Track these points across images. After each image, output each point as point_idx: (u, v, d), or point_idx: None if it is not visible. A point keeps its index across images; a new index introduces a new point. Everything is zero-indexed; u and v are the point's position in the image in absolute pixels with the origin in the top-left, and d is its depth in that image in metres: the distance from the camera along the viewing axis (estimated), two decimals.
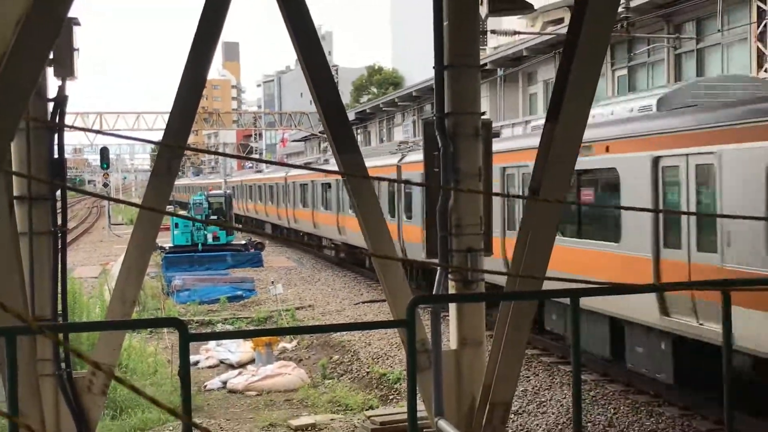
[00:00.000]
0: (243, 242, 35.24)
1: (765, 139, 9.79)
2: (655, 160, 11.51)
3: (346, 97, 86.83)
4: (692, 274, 10.90)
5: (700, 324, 10.58)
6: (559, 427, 11.41)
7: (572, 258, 13.16)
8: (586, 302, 11.06)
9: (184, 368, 3.66)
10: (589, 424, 11.46)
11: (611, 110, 13.84)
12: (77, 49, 8.19)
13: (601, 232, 13.26)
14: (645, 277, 11.51)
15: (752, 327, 9.53)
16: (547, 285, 7.17)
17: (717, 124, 10.52)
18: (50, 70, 8.08)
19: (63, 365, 7.82)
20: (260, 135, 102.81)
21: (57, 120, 8.02)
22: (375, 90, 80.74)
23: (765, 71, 19.70)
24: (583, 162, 11.02)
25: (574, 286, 4.77)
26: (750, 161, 9.99)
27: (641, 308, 11.53)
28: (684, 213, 11.07)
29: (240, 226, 54.08)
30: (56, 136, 8.07)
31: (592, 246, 13.16)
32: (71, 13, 8.34)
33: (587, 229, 13.81)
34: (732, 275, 10.01)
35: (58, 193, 8.27)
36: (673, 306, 11.06)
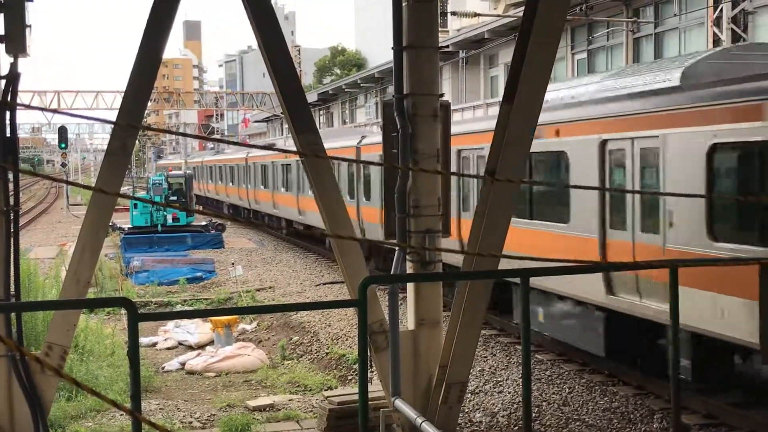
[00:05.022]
0: (203, 223, 34.98)
1: None
2: None
3: (309, 78, 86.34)
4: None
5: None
6: (515, 406, 11.55)
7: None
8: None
9: (133, 348, 3.65)
10: (544, 402, 11.62)
11: None
12: (29, 26, 8.03)
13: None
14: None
15: None
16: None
17: None
18: (2, 47, 7.94)
19: None
20: (222, 115, 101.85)
21: (9, 98, 7.89)
22: (338, 71, 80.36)
23: None
24: None
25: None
26: None
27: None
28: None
29: (200, 208, 54.09)
30: (8, 114, 7.94)
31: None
32: None
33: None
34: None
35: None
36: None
